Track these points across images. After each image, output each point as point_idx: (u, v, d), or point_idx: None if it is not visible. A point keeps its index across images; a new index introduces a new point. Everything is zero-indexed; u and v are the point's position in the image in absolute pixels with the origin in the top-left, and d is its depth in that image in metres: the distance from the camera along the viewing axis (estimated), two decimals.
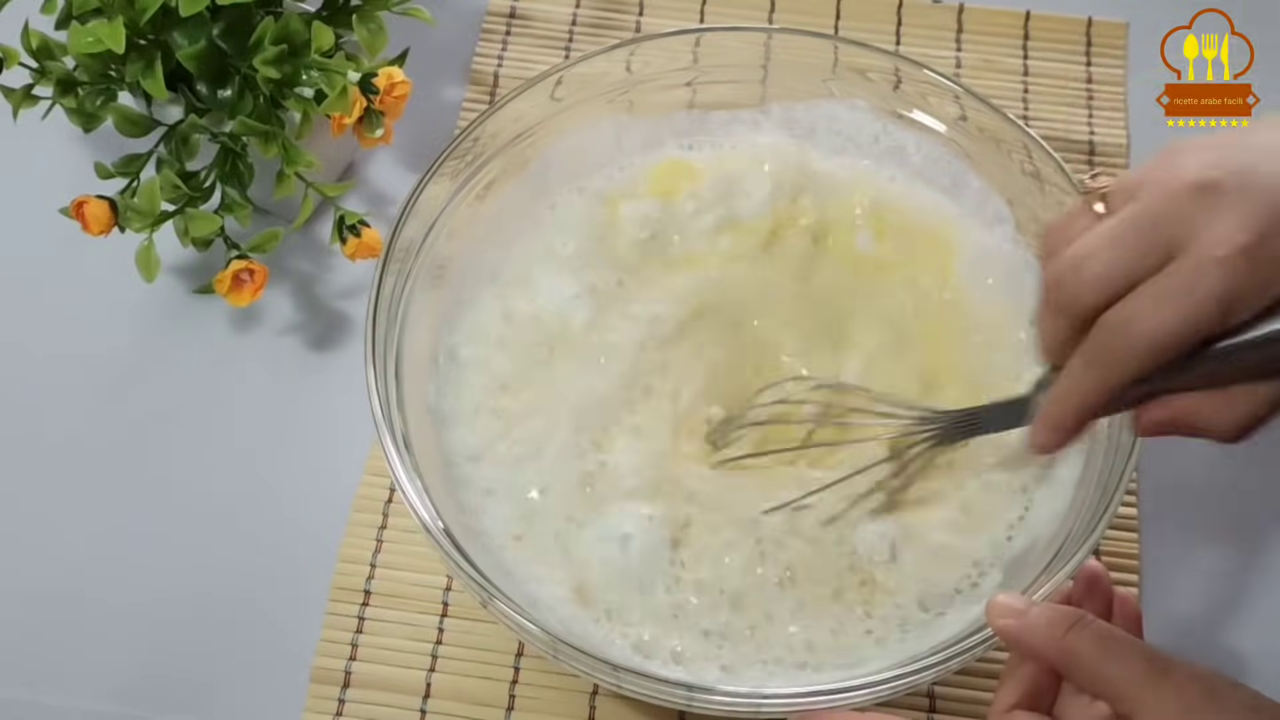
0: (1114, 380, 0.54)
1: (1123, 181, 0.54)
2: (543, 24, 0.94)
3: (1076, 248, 0.53)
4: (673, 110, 0.78)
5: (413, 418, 0.67)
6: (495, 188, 0.75)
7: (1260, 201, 0.50)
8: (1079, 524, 0.64)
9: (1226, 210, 0.50)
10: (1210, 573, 0.76)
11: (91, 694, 0.72)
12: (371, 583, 0.75)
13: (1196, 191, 0.51)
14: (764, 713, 0.61)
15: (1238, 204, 0.50)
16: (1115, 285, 0.52)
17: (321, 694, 0.72)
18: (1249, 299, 0.51)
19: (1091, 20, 0.94)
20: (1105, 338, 0.53)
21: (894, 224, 0.75)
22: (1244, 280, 0.50)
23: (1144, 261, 0.52)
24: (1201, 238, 0.50)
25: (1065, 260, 0.54)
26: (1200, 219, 0.51)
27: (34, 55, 0.78)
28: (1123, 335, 0.52)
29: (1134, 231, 0.52)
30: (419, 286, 0.71)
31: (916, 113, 0.76)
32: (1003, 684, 0.58)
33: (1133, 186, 0.53)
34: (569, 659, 0.61)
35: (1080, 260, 0.53)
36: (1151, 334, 0.51)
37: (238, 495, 0.77)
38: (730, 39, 0.77)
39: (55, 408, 0.80)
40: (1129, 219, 0.52)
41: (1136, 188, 0.53)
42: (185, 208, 0.78)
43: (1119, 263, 0.52)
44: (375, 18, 0.79)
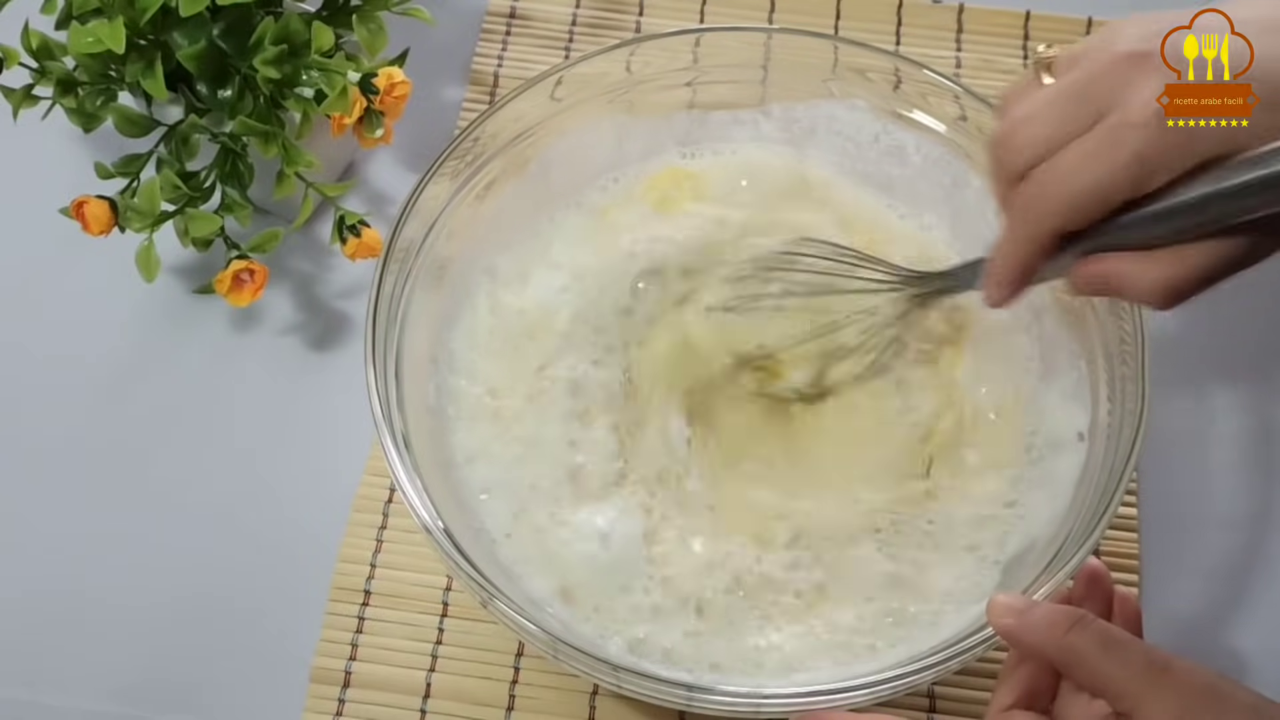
0: (1038, 232, 0.57)
1: (1068, 51, 0.57)
2: (543, 24, 0.94)
3: (1016, 111, 0.57)
4: (673, 110, 0.78)
5: (413, 418, 0.67)
6: (495, 188, 0.75)
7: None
8: (1079, 524, 0.64)
9: (1152, 76, 0.53)
10: (1210, 573, 0.76)
11: (91, 694, 0.72)
12: (371, 583, 0.75)
13: (1128, 59, 0.54)
14: (764, 713, 0.61)
15: (1163, 70, 0.53)
16: (1047, 146, 0.55)
17: (321, 694, 0.72)
18: (1165, 163, 0.53)
19: (1091, 20, 0.94)
20: (1030, 191, 0.56)
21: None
22: (1159, 143, 0.53)
23: (1074, 124, 0.55)
24: (1126, 102, 0.53)
25: (1006, 123, 0.57)
26: (1128, 85, 0.53)
27: (34, 55, 0.78)
28: (1044, 189, 0.55)
29: (1067, 97, 0.55)
30: (419, 286, 0.71)
31: (916, 113, 0.76)
32: (1000, 684, 0.58)
33: (1076, 56, 0.56)
34: (569, 659, 0.61)
35: (1018, 122, 0.57)
36: (1070, 188, 0.55)
37: (238, 495, 0.77)
38: (730, 39, 0.77)
39: (55, 408, 0.80)
40: (1065, 85, 0.56)
41: (1078, 58, 0.56)
42: (185, 208, 0.78)
43: (1051, 125, 0.55)
44: (375, 18, 0.79)
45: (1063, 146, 0.55)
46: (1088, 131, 0.54)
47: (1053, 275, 0.60)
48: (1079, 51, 0.57)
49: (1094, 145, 0.54)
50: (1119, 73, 0.54)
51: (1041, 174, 0.56)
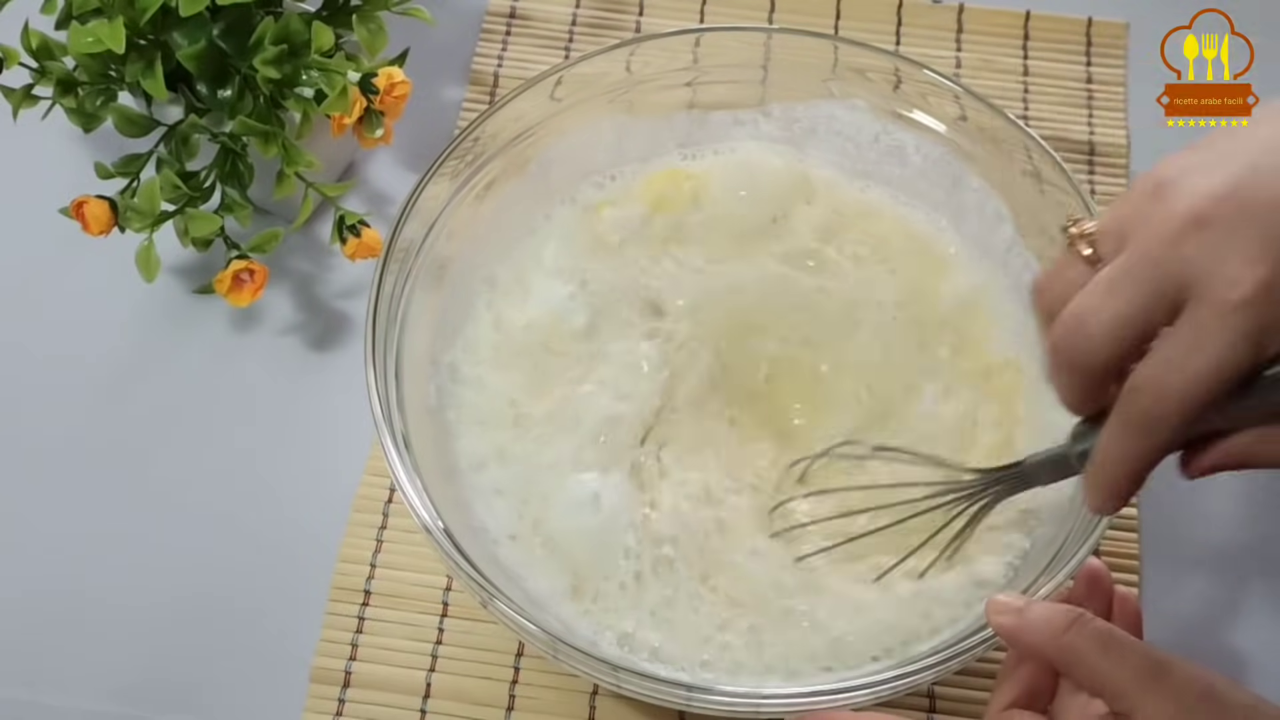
0: (1157, 443, 0.52)
1: (1109, 224, 0.52)
2: (543, 24, 0.94)
3: (1076, 304, 0.51)
4: (673, 110, 0.78)
5: (413, 418, 0.67)
6: (495, 188, 0.75)
7: (1266, 225, 0.48)
8: (1079, 524, 0.63)
9: (1231, 243, 0.48)
10: (1210, 573, 0.76)
11: (91, 694, 0.72)
12: (371, 583, 0.75)
13: (1193, 228, 0.49)
14: (764, 713, 0.61)
15: (1241, 233, 0.48)
16: (1125, 338, 0.51)
17: (321, 694, 0.72)
18: (1274, 332, 0.49)
19: (1091, 20, 0.94)
20: (1139, 401, 0.51)
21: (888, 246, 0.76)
22: (1269, 314, 0.48)
23: (1152, 311, 0.50)
24: (1213, 279, 0.48)
25: (1067, 318, 0.52)
26: (1205, 258, 0.48)
27: (34, 55, 0.78)
28: (1156, 397, 0.50)
29: (1134, 280, 0.50)
30: (419, 286, 0.71)
31: (916, 113, 0.76)
32: (1000, 684, 0.58)
33: (1120, 228, 0.51)
34: (569, 659, 0.61)
35: (1082, 316, 0.51)
36: (1185, 391, 0.49)
37: (238, 495, 0.77)
38: (730, 39, 0.77)
39: (55, 408, 0.80)
40: (1125, 267, 0.50)
41: (1126, 229, 0.51)
42: (185, 208, 0.78)
43: (1124, 314, 0.50)
44: (375, 18, 0.79)
45: (1144, 339, 0.50)
46: (1170, 317, 0.49)
47: (1154, 467, 0.54)
48: (1122, 221, 0.51)
49: (1194, 343, 0.49)
50: (1188, 244, 0.48)
51: (1145, 380, 0.50)
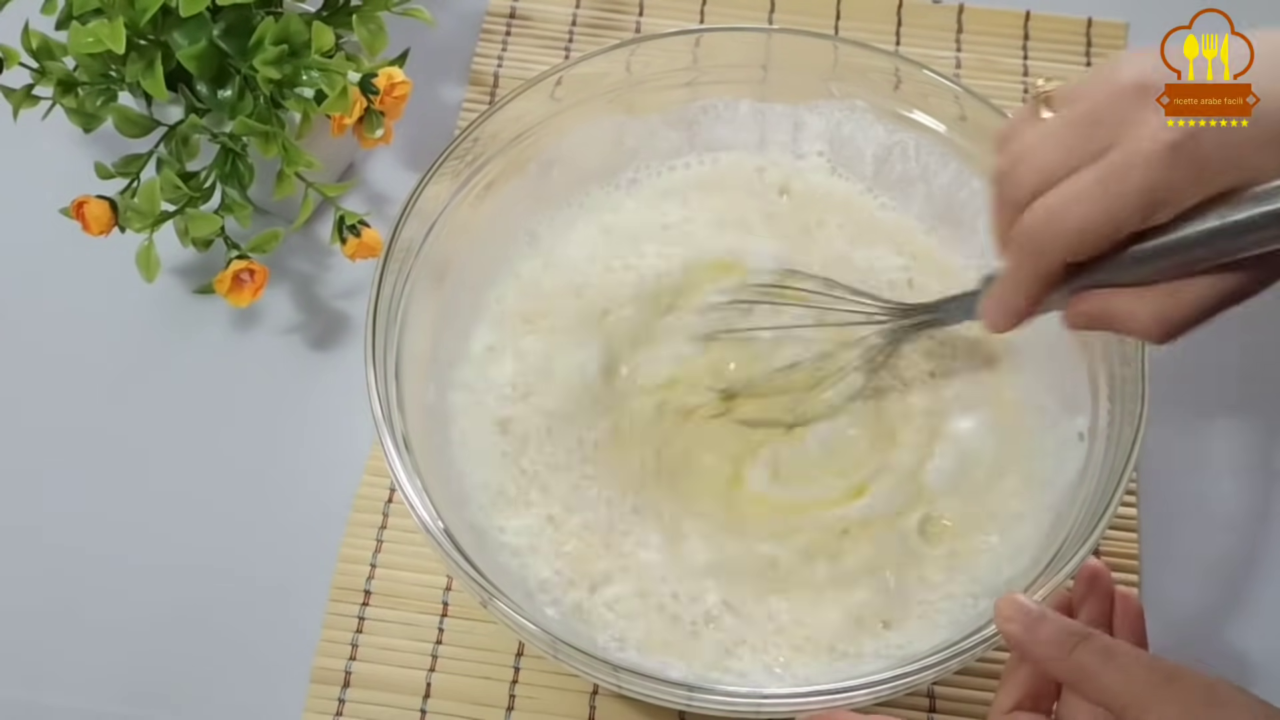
0: (1043, 266, 0.56)
1: (1068, 86, 0.56)
2: (543, 24, 0.94)
3: (1019, 144, 0.56)
4: (673, 110, 0.78)
5: (413, 418, 0.67)
6: (495, 188, 0.75)
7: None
8: (1079, 524, 0.64)
9: (1157, 113, 0.52)
10: (1210, 573, 0.76)
11: (91, 694, 0.72)
12: (371, 583, 0.75)
13: (1133, 91, 0.53)
14: (764, 713, 0.61)
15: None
16: (1051, 176, 0.54)
17: (321, 694, 0.72)
18: (1173, 197, 0.53)
19: (1091, 20, 0.94)
20: (1035, 221, 0.55)
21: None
22: (1168, 176, 0.52)
23: (1079, 155, 0.54)
24: (1132, 133, 0.52)
25: (1009, 155, 0.56)
26: (1133, 117, 0.53)
27: (34, 55, 0.78)
28: (1050, 220, 0.54)
29: (1071, 128, 0.54)
30: (419, 286, 0.71)
31: (916, 113, 0.76)
32: (1003, 685, 0.58)
33: (1076, 89, 0.56)
34: (569, 659, 0.61)
35: (1020, 155, 0.56)
36: (1076, 222, 0.54)
37: (238, 495, 0.77)
38: (730, 39, 0.77)
39: (55, 408, 0.80)
40: (1068, 117, 0.55)
41: (1079, 90, 0.55)
42: (185, 208, 0.78)
43: (1055, 157, 0.54)
44: (375, 18, 0.79)
45: (1067, 178, 0.54)
46: (1093, 162, 0.53)
47: (1049, 308, 0.59)
48: (1080, 85, 0.56)
49: (1101, 177, 0.53)
50: (1124, 104, 0.53)
51: (1047, 204, 0.54)
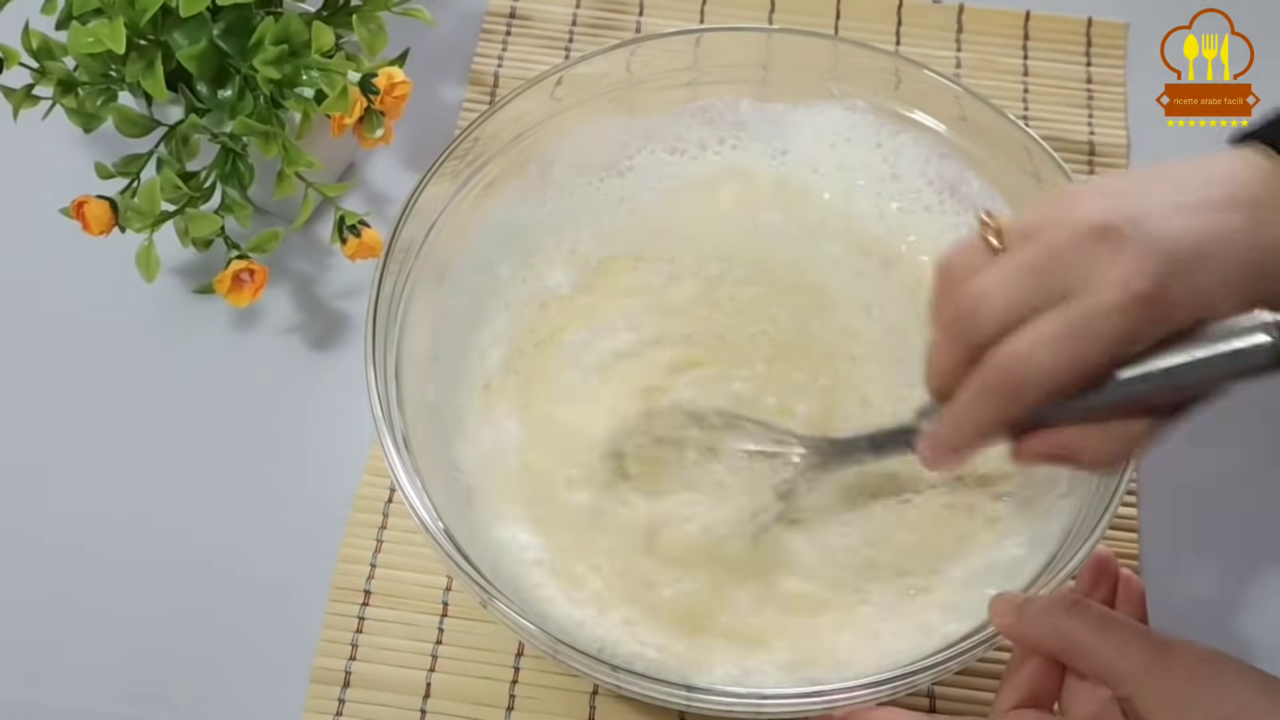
0: (1010, 412, 0.55)
1: (1021, 220, 0.55)
2: (543, 24, 0.94)
3: (977, 283, 0.54)
4: (673, 110, 0.78)
5: (413, 418, 0.67)
6: (495, 188, 0.75)
7: (1158, 248, 0.51)
8: (1079, 524, 0.64)
9: (1125, 255, 0.51)
10: (1211, 573, 0.76)
11: (91, 694, 0.72)
12: (371, 583, 0.75)
13: (1095, 234, 0.52)
14: (764, 713, 0.61)
15: (1136, 249, 0.51)
16: (1012, 320, 0.53)
17: (321, 694, 0.72)
18: (1138, 343, 0.53)
19: (1091, 20, 0.94)
20: (1004, 370, 0.54)
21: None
22: (1140, 325, 0.52)
23: (1039, 299, 0.53)
24: (1100, 281, 0.52)
25: (965, 294, 0.54)
26: (1099, 262, 0.52)
27: (34, 55, 0.78)
28: (1021, 370, 0.53)
29: (1033, 270, 0.53)
30: (419, 286, 0.71)
31: (916, 113, 0.76)
32: (1004, 685, 0.58)
33: (1030, 226, 0.54)
34: (569, 659, 0.61)
35: (979, 295, 0.54)
36: (1048, 370, 0.53)
37: (238, 495, 0.77)
38: (730, 39, 0.77)
39: (55, 408, 0.80)
40: (1029, 257, 0.53)
41: (1035, 227, 0.54)
42: (185, 208, 0.78)
43: (1019, 298, 0.53)
44: (375, 18, 0.79)
45: (1029, 322, 0.53)
46: (1057, 307, 0.52)
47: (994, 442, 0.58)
48: (1035, 220, 0.55)
49: (1072, 324, 0.52)
50: (1084, 248, 0.52)
51: (1016, 351, 0.53)
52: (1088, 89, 0.92)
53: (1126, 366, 0.53)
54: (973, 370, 0.55)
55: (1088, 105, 0.91)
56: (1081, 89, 0.92)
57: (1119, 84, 0.91)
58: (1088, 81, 0.92)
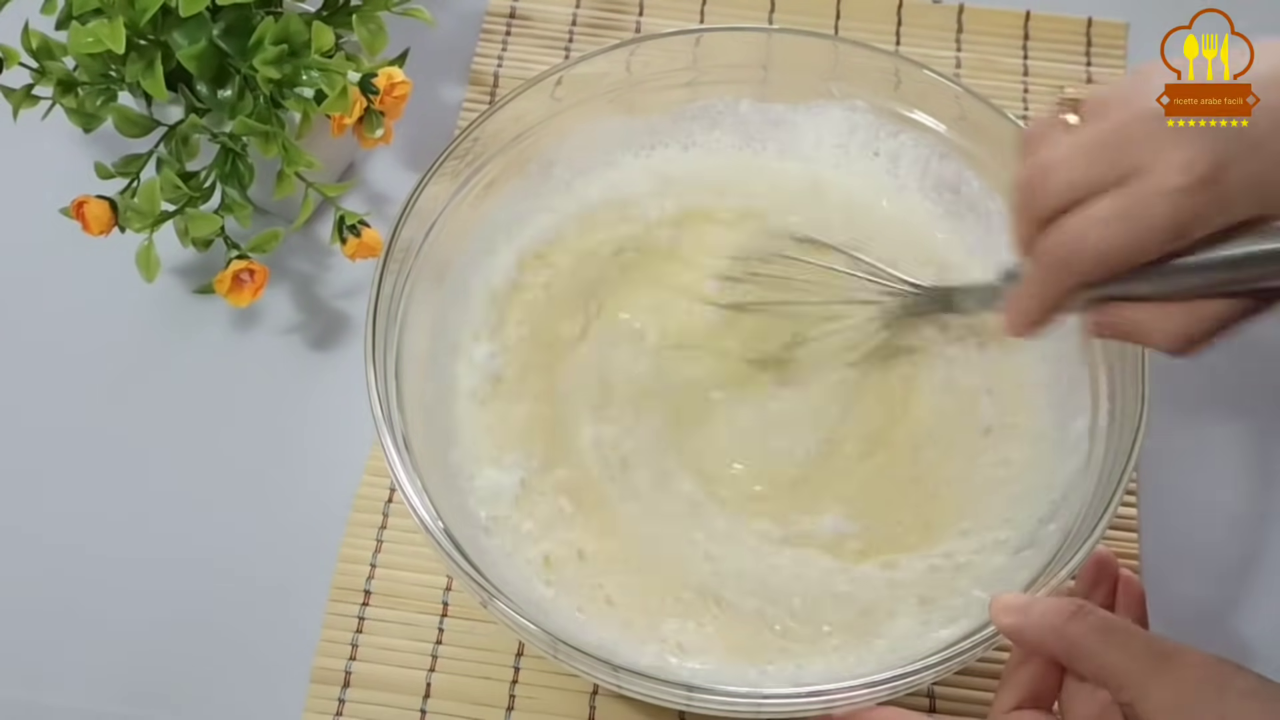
0: (1065, 285, 0.57)
1: (1097, 95, 0.56)
2: (543, 24, 0.94)
3: (1046, 155, 0.56)
4: (673, 110, 0.78)
5: (413, 418, 0.67)
6: (495, 188, 0.75)
7: (1221, 132, 0.52)
8: (1079, 524, 0.64)
9: (1188, 137, 0.52)
10: (1210, 573, 0.76)
11: (91, 694, 0.72)
12: (371, 583, 0.75)
13: (1159, 118, 0.53)
14: (764, 713, 0.61)
15: (1198, 136, 0.52)
16: (1076, 194, 0.55)
17: (321, 694, 0.72)
18: (1200, 225, 0.53)
19: (1091, 20, 0.94)
20: (1059, 246, 0.55)
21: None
22: (1196, 209, 0.52)
23: (1105, 175, 0.54)
24: (1161, 162, 0.52)
25: (1035, 165, 0.56)
26: (1162, 142, 0.53)
27: (34, 55, 0.78)
28: (1074, 246, 0.55)
29: (1100, 146, 0.54)
30: (419, 286, 0.71)
31: (916, 113, 0.76)
32: (1003, 685, 0.58)
33: (1105, 102, 0.56)
34: (569, 659, 0.61)
35: (1048, 167, 0.55)
36: (1099, 249, 0.54)
37: (238, 495, 0.77)
38: (730, 39, 0.77)
39: (54, 408, 0.80)
40: (1097, 134, 0.55)
41: (1108, 103, 0.55)
42: (185, 208, 0.78)
43: (1082, 174, 0.54)
44: (375, 18, 0.79)
45: (1092, 196, 0.54)
46: (1118, 185, 0.53)
47: (1069, 313, 0.60)
48: (1109, 97, 0.56)
49: (1127, 205, 0.53)
50: (1152, 129, 0.53)
51: (1072, 229, 0.55)
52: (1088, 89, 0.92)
53: (1189, 254, 0.54)
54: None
55: None
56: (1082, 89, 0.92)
57: None
58: (1088, 81, 0.92)
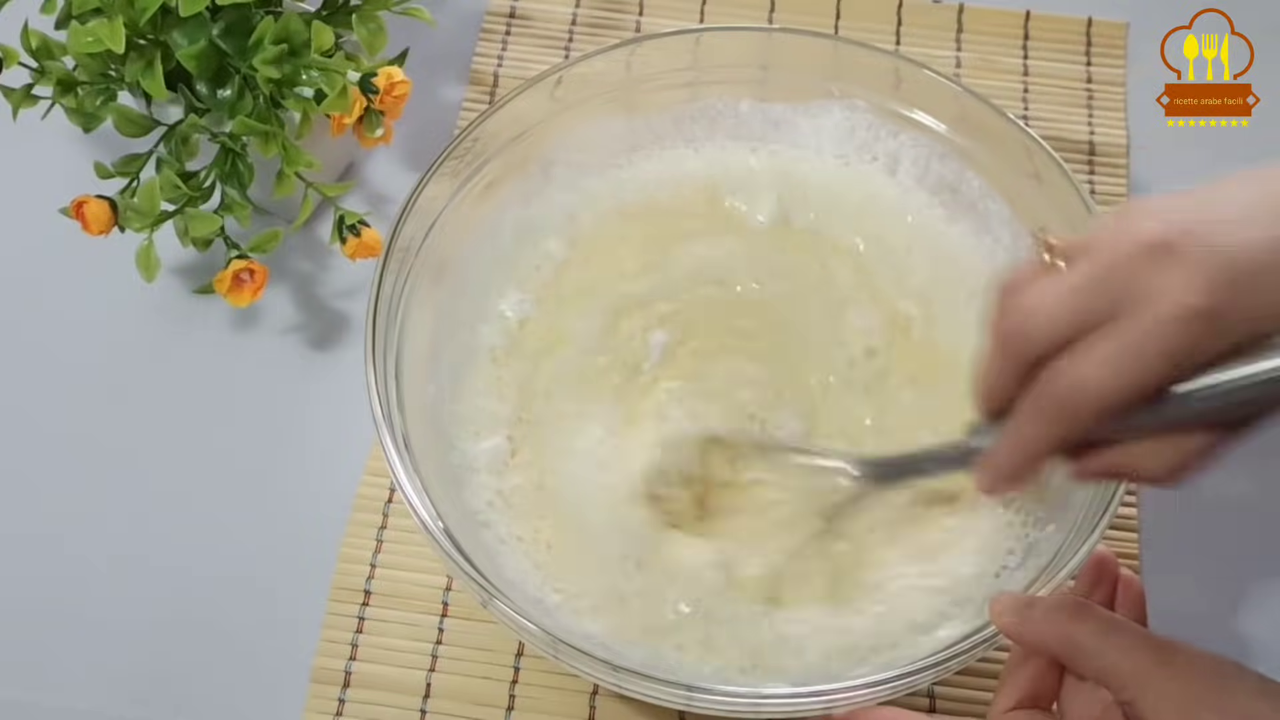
0: (1065, 434, 0.54)
1: (1079, 239, 0.55)
2: (543, 24, 0.94)
3: (1030, 297, 0.54)
4: (673, 110, 0.78)
5: (413, 418, 0.67)
6: (495, 188, 0.75)
7: (1212, 264, 0.50)
8: (1079, 524, 0.64)
9: (1179, 271, 0.50)
10: (1211, 573, 0.76)
11: (91, 694, 0.72)
12: (371, 583, 0.75)
13: (1149, 250, 0.51)
14: (764, 713, 0.61)
15: (1190, 265, 0.50)
16: (1062, 336, 0.53)
17: (321, 694, 0.72)
18: (1195, 359, 0.52)
19: (1091, 20, 0.94)
20: (1057, 392, 0.53)
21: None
22: (1193, 343, 0.51)
23: (1093, 315, 0.52)
24: (1154, 297, 0.51)
25: (1018, 308, 0.54)
26: (1153, 278, 0.51)
27: (34, 55, 0.78)
28: (1073, 392, 0.53)
29: (1086, 286, 0.53)
30: (419, 286, 0.71)
31: (917, 113, 0.76)
32: (1002, 685, 0.58)
33: (1089, 244, 0.54)
34: (569, 659, 0.61)
35: (1032, 310, 0.54)
36: (1100, 392, 0.52)
37: (238, 495, 0.77)
38: (730, 39, 0.77)
39: (55, 408, 0.80)
40: (1082, 274, 0.53)
41: (1092, 245, 0.54)
42: (185, 208, 0.78)
43: (1069, 315, 0.53)
44: (375, 18, 0.79)
45: (1081, 338, 0.52)
46: (1111, 321, 0.52)
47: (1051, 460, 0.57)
48: (1092, 239, 0.54)
49: (1125, 342, 0.51)
50: (1141, 264, 0.51)
51: (1069, 373, 0.53)
52: (1088, 89, 0.92)
53: (1184, 382, 0.52)
54: (1025, 389, 0.54)
55: (1088, 105, 0.91)
56: (1081, 89, 0.92)
57: (1119, 84, 0.92)
58: (1088, 81, 0.92)
